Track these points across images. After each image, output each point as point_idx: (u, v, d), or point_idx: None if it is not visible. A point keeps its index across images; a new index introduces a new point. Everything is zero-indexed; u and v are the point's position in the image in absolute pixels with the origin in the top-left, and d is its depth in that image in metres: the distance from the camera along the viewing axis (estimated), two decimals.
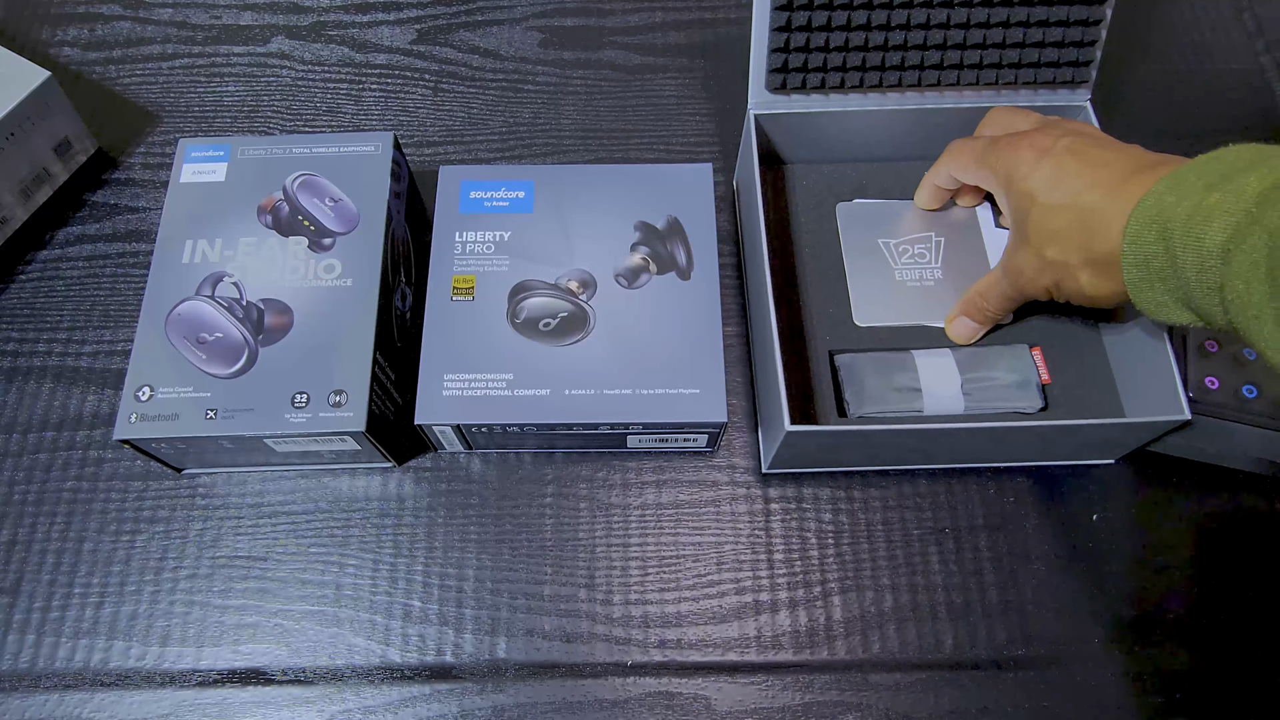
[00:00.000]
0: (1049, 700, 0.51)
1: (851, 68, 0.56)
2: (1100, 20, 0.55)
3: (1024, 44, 0.56)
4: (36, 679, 0.51)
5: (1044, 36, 0.55)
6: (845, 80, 0.57)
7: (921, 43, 0.55)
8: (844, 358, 0.56)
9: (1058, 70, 0.57)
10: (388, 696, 0.51)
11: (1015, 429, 0.50)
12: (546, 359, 0.51)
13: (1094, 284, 0.45)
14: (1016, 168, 0.48)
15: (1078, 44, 0.56)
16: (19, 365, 0.60)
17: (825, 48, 0.55)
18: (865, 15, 0.54)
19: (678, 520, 0.55)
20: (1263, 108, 0.68)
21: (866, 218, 0.61)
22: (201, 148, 0.57)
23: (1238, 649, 0.52)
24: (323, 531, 0.55)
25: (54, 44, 0.71)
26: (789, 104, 0.58)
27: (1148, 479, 0.56)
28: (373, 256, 0.54)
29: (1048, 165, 0.46)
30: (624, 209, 0.56)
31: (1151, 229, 0.40)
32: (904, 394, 0.54)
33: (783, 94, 0.57)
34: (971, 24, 0.55)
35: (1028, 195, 0.47)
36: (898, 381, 0.54)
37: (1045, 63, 0.56)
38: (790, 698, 0.51)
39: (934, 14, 0.54)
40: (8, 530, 0.55)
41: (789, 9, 0.53)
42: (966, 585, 0.53)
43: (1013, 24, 0.55)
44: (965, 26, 0.55)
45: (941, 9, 0.54)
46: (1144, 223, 0.41)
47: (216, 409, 0.50)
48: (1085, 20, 0.55)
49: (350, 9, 0.73)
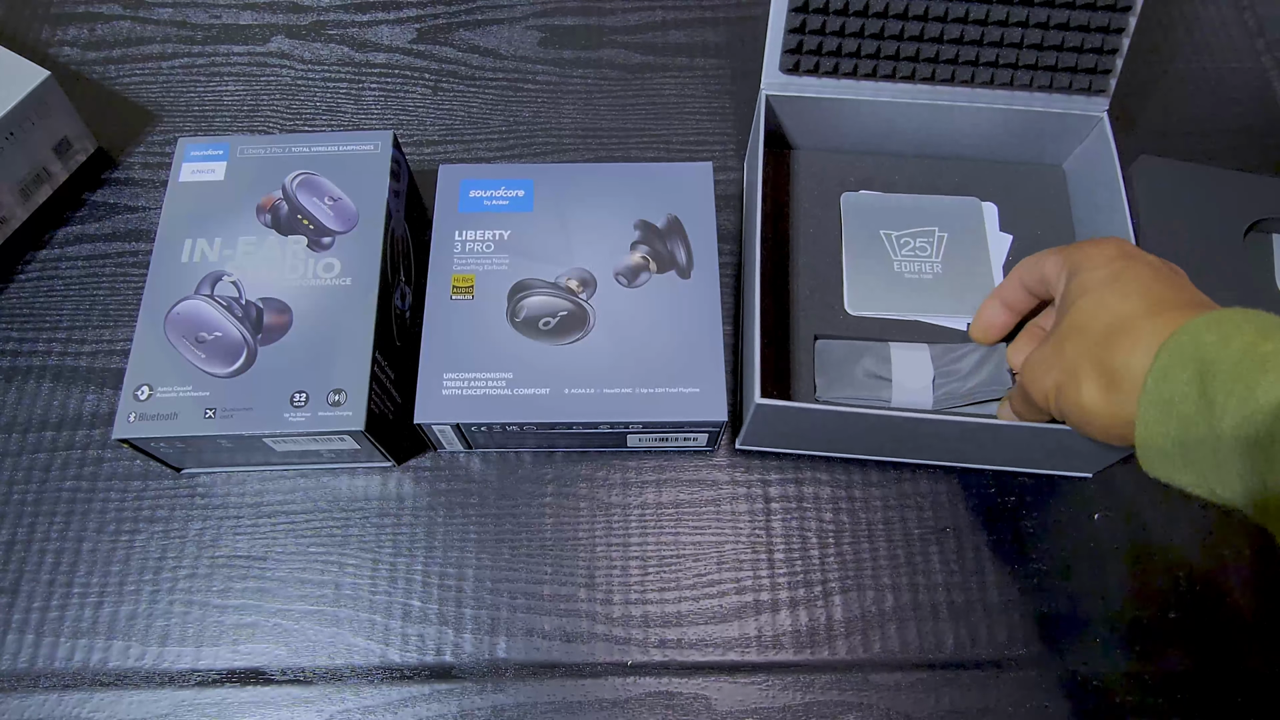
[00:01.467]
0: (1049, 700, 0.51)
1: (866, 54, 0.56)
2: (1123, 29, 0.54)
3: (1043, 46, 0.55)
4: (35, 679, 0.51)
5: (1064, 40, 0.55)
6: (859, 66, 0.56)
7: (939, 34, 0.55)
8: (822, 342, 0.56)
9: (1075, 76, 0.56)
10: (387, 696, 0.51)
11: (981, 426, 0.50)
12: (546, 358, 0.51)
13: (1096, 399, 0.40)
14: (1091, 259, 0.44)
15: (1098, 50, 0.55)
16: (18, 365, 0.59)
17: (841, 32, 0.55)
18: (884, 1, 0.54)
19: (678, 520, 0.55)
20: (1263, 107, 0.68)
21: (870, 208, 0.61)
22: (201, 147, 0.57)
23: (1238, 649, 0.52)
24: (322, 531, 0.55)
25: (54, 44, 0.71)
26: (802, 86, 0.58)
27: (1148, 479, 0.56)
28: (372, 255, 0.54)
29: (1119, 265, 0.42)
30: (624, 208, 0.56)
31: (1187, 368, 0.35)
32: (873, 382, 0.54)
33: (795, 75, 0.57)
34: (991, 20, 0.54)
35: (1082, 287, 0.43)
36: (869, 370, 0.55)
37: (1063, 67, 0.55)
38: (790, 698, 0.51)
39: (954, 7, 0.54)
40: (7, 530, 0.55)
41: None
42: (967, 585, 0.53)
43: (1033, 24, 0.54)
44: (984, 23, 0.54)
45: (963, 2, 0.54)
46: (1179, 359, 0.36)
47: (215, 408, 0.50)
48: (1107, 27, 0.54)
49: (350, 8, 0.73)
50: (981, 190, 0.62)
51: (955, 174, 0.62)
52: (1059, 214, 0.61)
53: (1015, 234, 0.60)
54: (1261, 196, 0.61)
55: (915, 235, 0.60)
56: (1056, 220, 0.61)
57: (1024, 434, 0.50)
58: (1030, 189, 0.62)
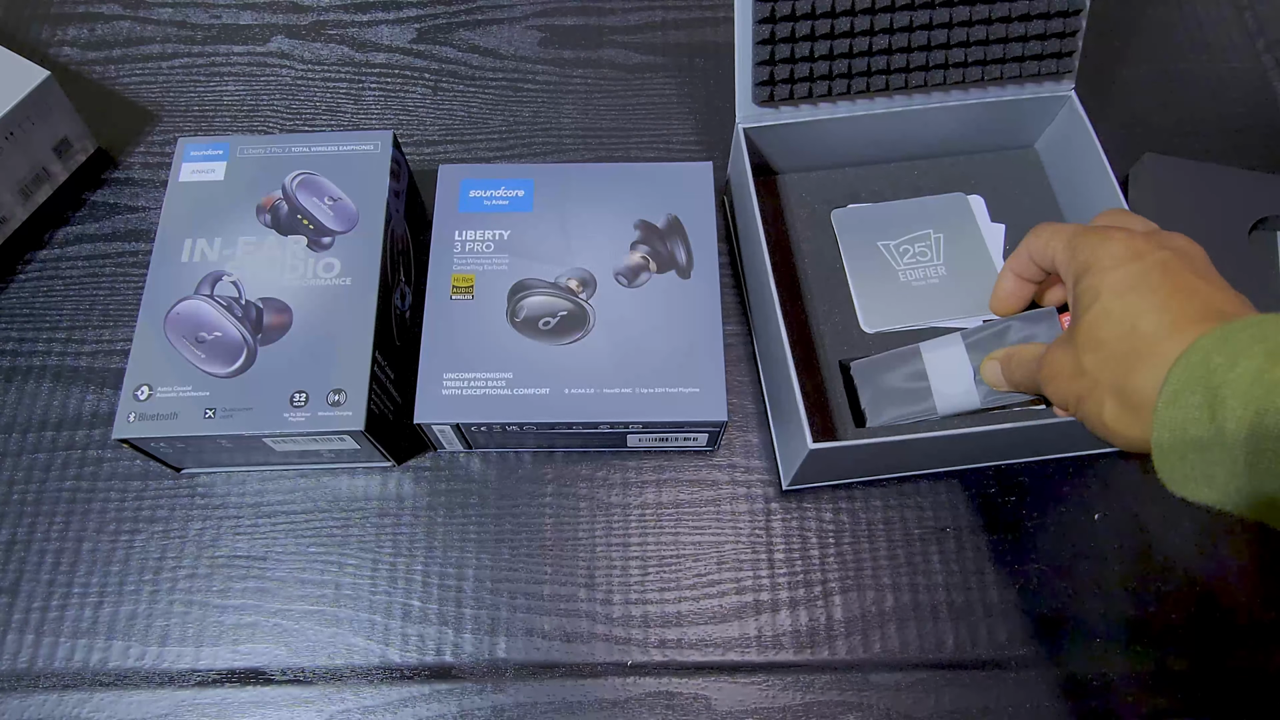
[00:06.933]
0: (1049, 700, 0.51)
1: (837, 75, 0.56)
2: (1080, 10, 0.55)
3: (1006, 39, 0.56)
4: (35, 679, 0.51)
5: (1025, 30, 0.56)
6: (832, 88, 0.56)
7: (905, 45, 0.55)
8: (857, 365, 0.55)
9: (1041, 63, 0.57)
10: (387, 696, 0.51)
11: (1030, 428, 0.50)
12: (546, 358, 0.51)
13: (1117, 419, 0.39)
14: (1100, 259, 0.42)
15: (1059, 35, 0.56)
16: (18, 365, 0.59)
17: (810, 57, 0.55)
18: (848, 22, 0.54)
19: (678, 520, 0.55)
20: (1263, 107, 0.68)
21: (863, 221, 0.61)
22: (201, 147, 0.57)
23: (1238, 649, 0.52)
24: (322, 531, 0.55)
25: (54, 44, 0.71)
26: (777, 116, 0.58)
27: (1148, 479, 0.56)
28: (372, 255, 0.54)
29: (1131, 268, 0.41)
30: (624, 207, 0.56)
31: (1196, 392, 0.35)
32: (915, 395, 0.53)
33: (770, 106, 0.57)
34: (953, 23, 0.55)
35: (1094, 291, 0.41)
36: (910, 382, 0.53)
37: (1028, 56, 0.57)
38: (790, 698, 0.51)
39: (915, 16, 0.54)
40: (7, 530, 0.55)
41: (771, 21, 0.53)
42: (967, 585, 0.53)
43: (993, 20, 0.55)
44: (947, 26, 0.55)
45: (923, 10, 0.54)
46: (1188, 384, 0.35)
47: (215, 408, 0.50)
48: (1065, 11, 0.55)
49: (350, 8, 0.73)
50: (964, 184, 0.62)
51: (935, 172, 0.63)
52: (1041, 195, 0.62)
53: (1005, 222, 0.61)
54: (1265, 194, 0.61)
55: (913, 241, 0.60)
56: (1040, 202, 0.62)
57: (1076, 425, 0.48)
58: (1009, 174, 0.63)
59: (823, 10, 0.53)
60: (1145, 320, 0.39)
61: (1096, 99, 0.58)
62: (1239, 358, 0.34)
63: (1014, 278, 0.51)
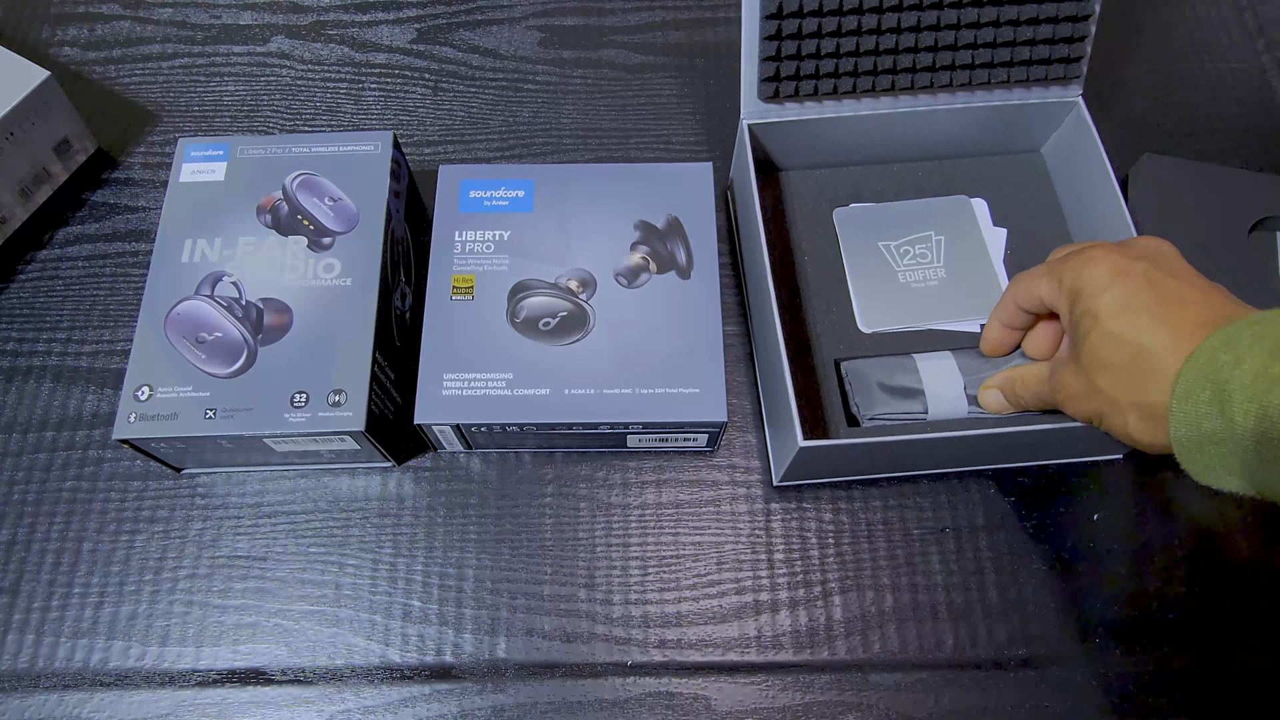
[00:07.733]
0: (1049, 700, 0.51)
1: (844, 73, 0.56)
2: (1089, 15, 0.55)
3: (1014, 42, 0.56)
4: (36, 679, 0.51)
5: (1034, 34, 0.55)
6: (838, 86, 0.56)
7: (913, 45, 0.55)
8: (850, 364, 0.56)
9: (1049, 67, 0.57)
10: (387, 696, 0.51)
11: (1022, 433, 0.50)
12: (546, 358, 0.51)
13: (1141, 430, 0.41)
14: (1086, 284, 0.44)
15: (1068, 40, 0.56)
16: (18, 365, 0.59)
17: (816, 54, 0.55)
18: (855, 20, 0.54)
19: (678, 520, 0.55)
20: (1263, 107, 0.68)
21: (864, 221, 0.61)
22: (201, 147, 0.57)
23: (1238, 649, 0.52)
24: (322, 531, 0.55)
25: (54, 44, 0.71)
26: (782, 112, 0.58)
27: (1148, 479, 0.56)
28: (372, 256, 0.54)
29: (1120, 288, 0.42)
30: (624, 208, 0.56)
31: (1205, 387, 0.37)
32: (907, 397, 0.54)
33: (775, 102, 0.57)
34: (962, 24, 0.55)
35: (1092, 315, 0.43)
36: (901, 384, 0.54)
37: (1036, 60, 0.56)
38: (790, 698, 0.51)
39: (924, 16, 0.54)
40: (7, 530, 0.55)
41: (779, 17, 0.53)
42: (967, 585, 0.53)
43: (1002, 23, 0.55)
44: (956, 27, 0.55)
45: (931, 11, 0.54)
46: (1197, 381, 0.37)
47: (215, 408, 0.50)
48: (1074, 16, 0.55)
49: (350, 9, 0.73)
50: (967, 187, 0.62)
51: (939, 174, 0.63)
52: (1045, 200, 0.62)
53: (1008, 226, 0.61)
54: (1265, 195, 0.61)
55: (914, 243, 0.60)
56: (1044, 207, 0.62)
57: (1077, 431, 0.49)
58: (1013, 178, 0.63)
59: (831, 8, 0.53)
60: (1147, 338, 0.41)
61: (1097, 99, 0.58)
62: (1244, 356, 0.36)
63: (1001, 327, 0.53)
